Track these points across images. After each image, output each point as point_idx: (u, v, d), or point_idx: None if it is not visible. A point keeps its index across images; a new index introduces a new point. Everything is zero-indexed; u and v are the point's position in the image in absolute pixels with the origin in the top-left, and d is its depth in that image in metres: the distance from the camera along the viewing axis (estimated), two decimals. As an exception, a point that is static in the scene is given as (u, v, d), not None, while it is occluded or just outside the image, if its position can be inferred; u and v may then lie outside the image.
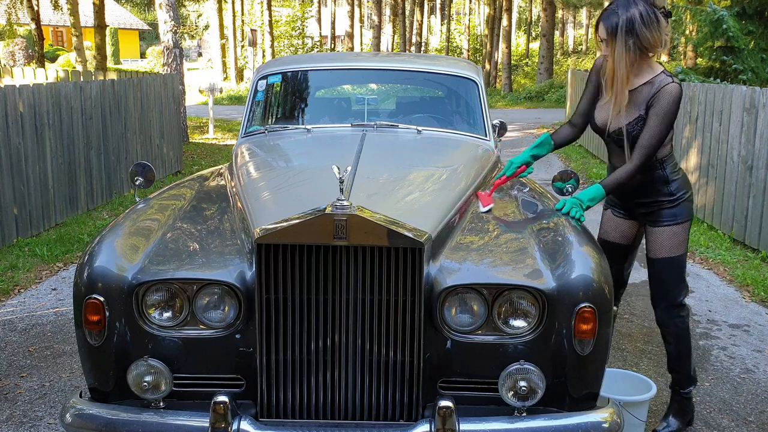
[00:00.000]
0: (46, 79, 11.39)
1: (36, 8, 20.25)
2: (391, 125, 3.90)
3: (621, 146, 3.07)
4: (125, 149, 9.13)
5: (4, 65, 25.80)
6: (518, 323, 2.42)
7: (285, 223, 2.31)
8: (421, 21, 39.76)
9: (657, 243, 3.16)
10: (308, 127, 3.94)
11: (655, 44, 2.91)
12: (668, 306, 3.20)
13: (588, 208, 2.98)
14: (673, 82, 2.95)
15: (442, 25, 48.10)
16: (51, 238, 6.77)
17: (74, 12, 19.66)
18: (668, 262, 3.15)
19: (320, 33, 40.33)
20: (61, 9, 22.88)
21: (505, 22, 29.30)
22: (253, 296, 2.36)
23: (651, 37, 2.89)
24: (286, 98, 4.42)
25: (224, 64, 33.29)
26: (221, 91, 24.50)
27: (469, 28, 38.19)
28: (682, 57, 21.74)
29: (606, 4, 28.09)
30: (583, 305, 2.36)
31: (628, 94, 3.00)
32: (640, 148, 2.97)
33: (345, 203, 2.27)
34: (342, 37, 34.15)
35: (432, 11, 51.74)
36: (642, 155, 2.97)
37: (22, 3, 21.73)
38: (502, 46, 29.48)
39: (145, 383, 2.37)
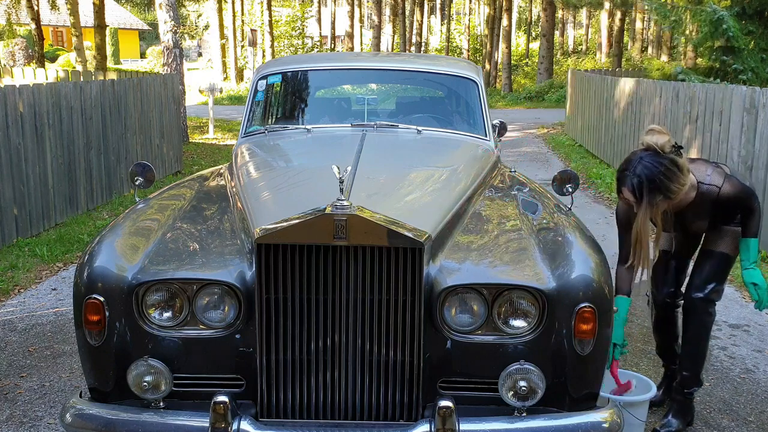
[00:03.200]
0: (46, 79, 11.39)
1: (36, 8, 20.25)
2: (391, 125, 3.90)
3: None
4: (125, 149, 9.13)
5: (4, 65, 25.80)
6: (518, 323, 2.42)
7: (285, 223, 2.31)
8: (421, 21, 39.76)
9: (724, 239, 3.23)
10: (308, 127, 3.94)
11: (683, 184, 2.91)
12: (704, 299, 3.22)
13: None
14: (722, 185, 3.04)
15: (442, 25, 48.10)
16: (51, 238, 6.77)
17: (74, 12, 19.66)
18: (727, 259, 3.24)
19: (320, 33, 40.33)
20: (59, 9, 22.87)
21: (505, 22, 29.29)
22: (253, 296, 2.36)
23: (678, 182, 2.89)
24: (286, 98, 4.42)
25: (224, 64, 33.28)
26: (221, 91, 24.50)
27: (469, 28, 38.18)
28: (682, 57, 21.76)
29: (606, 4, 27.96)
30: (583, 305, 2.36)
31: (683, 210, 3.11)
32: (748, 220, 3.12)
33: (345, 203, 2.27)
34: (342, 37, 34.15)
35: (432, 11, 51.73)
36: (753, 219, 3.12)
37: (19, 3, 21.73)
38: (502, 46, 29.48)
39: (145, 383, 2.37)
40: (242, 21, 35.07)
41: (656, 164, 2.85)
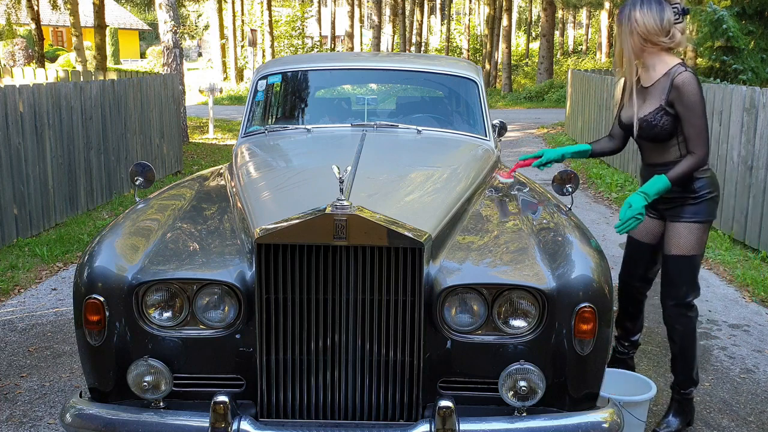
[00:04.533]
0: (46, 79, 11.39)
1: (36, 8, 20.26)
2: (391, 125, 3.90)
3: (651, 141, 3.17)
4: (125, 149, 9.13)
5: (4, 65, 25.79)
6: (518, 323, 2.42)
7: (285, 223, 2.31)
8: (421, 21, 39.76)
9: (675, 239, 3.19)
10: (308, 127, 3.95)
11: (656, 34, 3.06)
12: (677, 304, 3.21)
13: (651, 199, 3.08)
14: (685, 71, 3.07)
15: (442, 25, 48.10)
16: (51, 238, 6.77)
17: (74, 12, 19.66)
18: (683, 261, 3.17)
19: (320, 33, 40.33)
20: (60, 9, 22.88)
21: (505, 22, 29.29)
22: (253, 296, 2.36)
23: (648, 25, 3.05)
24: (286, 98, 4.42)
25: (224, 64, 33.28)
26: (221, 91, 24.50)
27: (469, 28, 38.16)
28: (682, 57, 21.74)
29: (606, 4, 27.94)
30: (583, 305, 2.36)
31: (647, 90, 3.15)
32: (690, 140, 3.07)
33: (345, 203, 2.27)
34: (342, 37, 34.14)
35: (432, 11, 51.73)
36: (698, 146, 3.06)
37: (19, 3, 21.73)
38: (502, 46, 29.48)
39: (145, 383, 2.37)
40: (242, 21, 35.07)
41: (647, 2, 3.07)
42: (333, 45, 39.68)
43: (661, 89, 3.10)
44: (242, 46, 33.65)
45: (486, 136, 3.98)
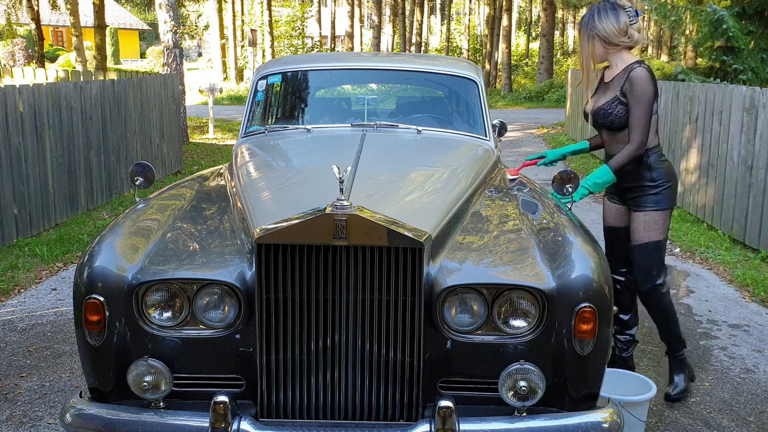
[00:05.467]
0: (46, 79, 11.39)
1: (36, 8, 20.26)
2: (391, 125, 3.90)
3: (607, 128, 3.48)
4: (125, 149, 9.13)
5: (4, 65, 25.79)
6: (518, 323, 2.42)
7: (285, 223, 2.31)
8: (421, 21, 39.76)
9: (637, 229, 3.50)
10: (308, 127, 3.94)
11: (616, 35, 3.36)
12: (651, 287, 3.52)
13: (598, 190, 3.43)
14: (640, 66, 3.36)
15: (442, 25, 48.10)
16: (51, 238, 6.77)
17: (74, 12, 19.67)
18: (651, 247, 3.47)
19: (320, 33, 40.33)
20: (59, 9, 22.88)
21: (505, 22, 29.30)
22: (253, 296, 2.36)
23: (608, 29, 3.36)
24: (286, 98, 4.42)
25: (224, 64, 33.28)
26: (221, 91, 24.50)
27: (469, 28, 38.17)
28: (682, 57, 21.74)
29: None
30: (583, 305, 2.36)
31: (606, 84, 3.47)
32: (631, 130, 3.35)
33: (345, 203, 2.27)
34: (342, 37, 34.14)
35: (432, 11, 51.72)
36: (636, 135, 3.33)
37: (20, 3, 21.72)
38: (502, 46, 29.48)
39: (145, 383, 2.37)
40: (242, 21, 35.07)
41: (601, 7, 3.39)
42: (333, 45, 39.67)
43: (618, 82, 3.40)
44: (242, 46, 33.65)
45: (486, 136, 3.98)
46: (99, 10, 19.53)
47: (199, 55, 51.99)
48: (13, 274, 5.75)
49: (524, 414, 2.36)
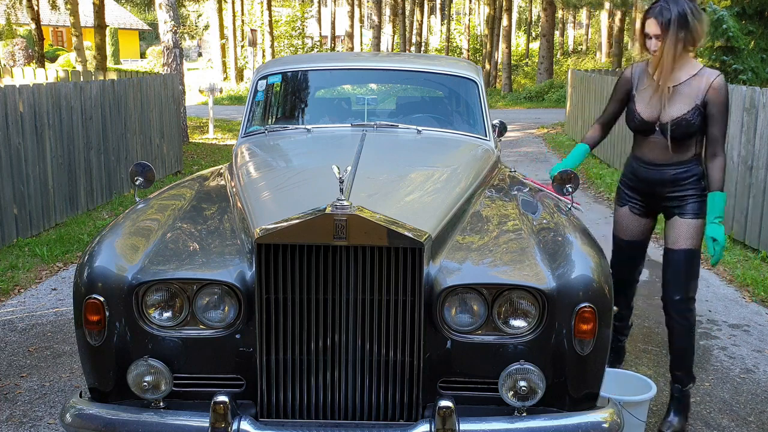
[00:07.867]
0: (46, 79, 11.39)
1: (36, 8, 20.26)
2: (391, 125, 3.90)
3: (666, 137, 3.23)
4: (125, 149, 9.13)
5: (4, 65, 25.80)
6: (518, 323, 2.42)
7: (285, 223, 2.31)
8: (421, 21, 39.75)
9: (680, 234, 3.29)
10: (308, 127, 3.94)
11: (702, 37, 3.17)
12: (683, 299, 3.29)
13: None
14: (719, 74, 3.18)
15: (442, 25, 48.10)
16: (51, 238, 6.77)
17: (74, 12, 19.67)
18: (689, 254, 3.28)
19: (320, 33, 40.32)
20: (59, 9, 22.88)
21: (505, 22, 29.29)
22: (253, 296, 2.36)
23: (700, 29, 3.14)
24: (286, 98, 4.42)
25: (224, 64, 33.28)
26: (221, 91, 24.50)
27: (469, 28, 38.16)
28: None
29: (606, 4, 27.91)
30: (583, 305, 2.36)
31: (675, 89, 3.21)
32: (718, 140, 3.19)
33: (345, 203, 2.27)
34: (342, 37, 34.13)
35: (432, 11, 51.72)
36: (722, 146, 3.19)
37: (20, 3, 21.73)
38: (502, 46, 29.47)
39: (145, 383, 2.37)
40: (242, 21, 35.06)
41: (689, 4, 3.10)
42: (333, 45, 39.67)
43: (695, 89, 3.18)
44: (242, 46, 33.64)
45: (486, 136, 3.98)
46: (99, 10, 19.53)
47: (199, 55, 51.99)
48: (13, 274, 5.75)
49: (524, 414, 2.36)
